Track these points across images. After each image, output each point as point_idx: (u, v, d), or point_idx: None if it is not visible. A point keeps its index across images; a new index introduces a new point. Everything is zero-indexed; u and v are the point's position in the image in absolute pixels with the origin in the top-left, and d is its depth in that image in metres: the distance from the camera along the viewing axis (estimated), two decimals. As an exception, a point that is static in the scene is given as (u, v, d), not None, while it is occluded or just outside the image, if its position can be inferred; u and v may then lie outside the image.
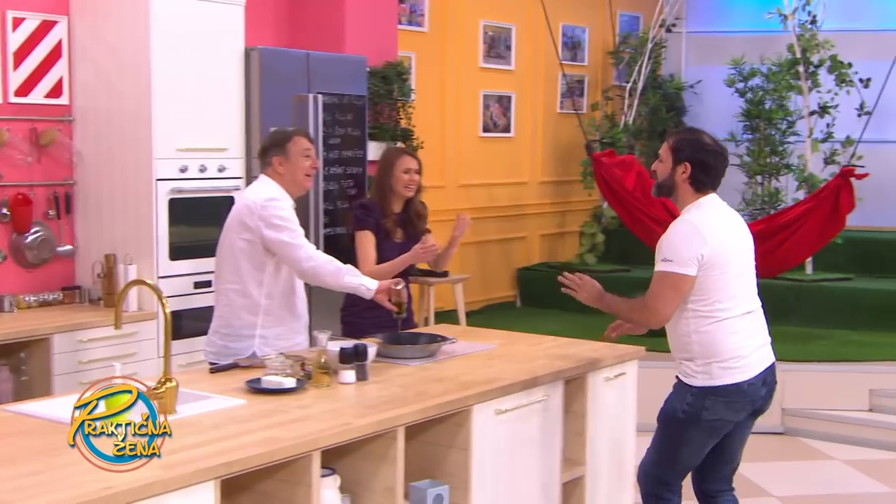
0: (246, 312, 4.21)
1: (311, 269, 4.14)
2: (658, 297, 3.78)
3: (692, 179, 3.84)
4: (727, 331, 3.80)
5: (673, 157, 3.86)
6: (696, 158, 3.83)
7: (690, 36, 11.19)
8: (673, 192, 3.90)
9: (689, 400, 3.83)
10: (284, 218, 4.16)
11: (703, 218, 3.82)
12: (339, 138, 6.59)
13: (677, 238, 3.79)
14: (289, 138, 4.32)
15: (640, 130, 10.39)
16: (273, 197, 4.20)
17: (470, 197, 9.25)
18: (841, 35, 9.39)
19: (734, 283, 3.83)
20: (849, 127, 8.92)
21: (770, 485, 5.88)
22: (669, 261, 3.75)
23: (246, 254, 4.19)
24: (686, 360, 3.86)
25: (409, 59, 8.14)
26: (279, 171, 4.28)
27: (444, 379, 3.87)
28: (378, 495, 3.39)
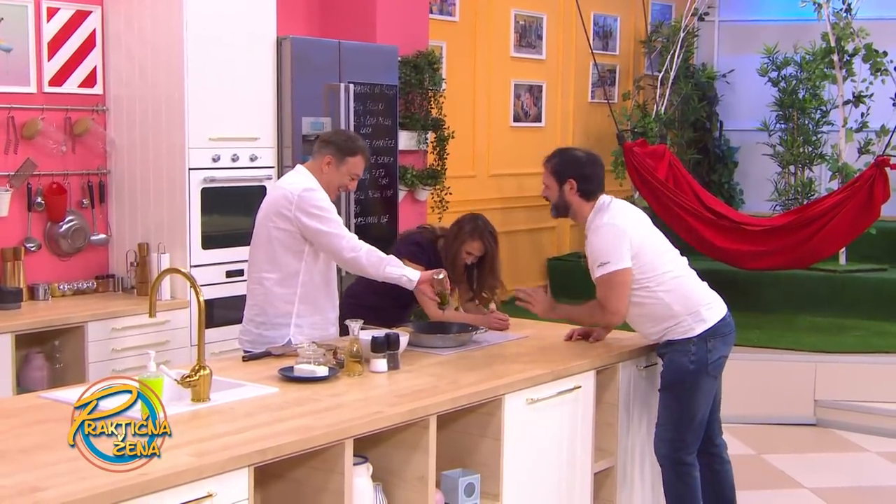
0: (282, 301, 4.21)
1: (353, 260, 4.14)
2: (611, 297, 4.15)
3: (580, 191, 4.25)
4: (689, 283, 4.30)
5: (556, 180, 4.29)
6: (577, 173, 4.26)
7: (723, 25, 11.11)
8: (570, 209, 4.31)
9: (693, 350, 4.15)
10: (323, 208, 4.15)
11: (611, 216, 4.20)
12: (370, 128, 6.59)
13: (604, 242, 4.15)
14: (354, 153, 4.28)
15: (672, 120, 10.32)
16: (310, 187, 4.19)
17: (500, 187, 9.24)
18: (876, 23, 9.29)
19: (666, 252, 4.32)
20: (884, 116, 8.82)
21: (802, 476, 5.85)
22: (607, 262, 4.12)
23: (283, 243, 4.18)
24: (673, 324, 4.18)
25: (440, 48, 8.13)
26: (324, 169, 4.26)
27: (475, 368, 3.88)
28: (410, 484, 3.40)
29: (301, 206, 4.13)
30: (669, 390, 4.20)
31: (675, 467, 4.19)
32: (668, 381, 4.20)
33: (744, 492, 4.63)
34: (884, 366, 6.93)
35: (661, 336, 4.23)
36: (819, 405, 6.88)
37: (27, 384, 5.01)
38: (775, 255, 7.74)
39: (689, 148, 10.61)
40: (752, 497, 5.40)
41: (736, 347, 7.10)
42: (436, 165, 7.68)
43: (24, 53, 5.49)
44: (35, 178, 5.54)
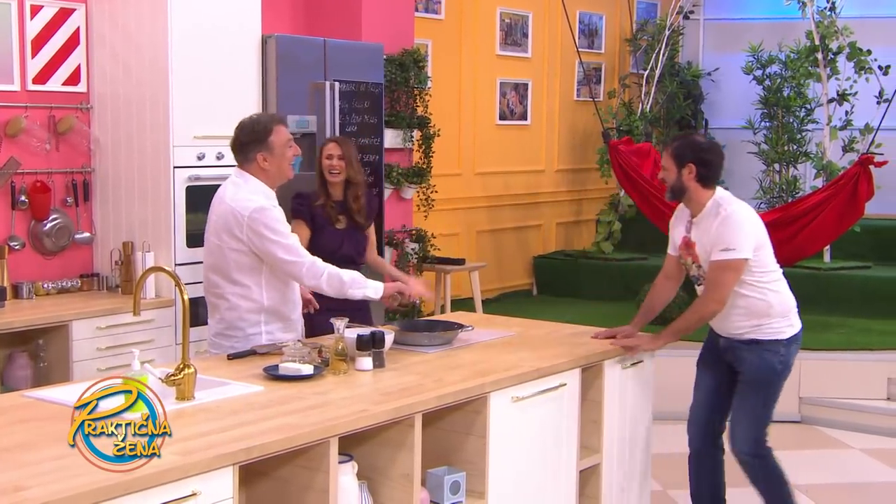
0: (250, 313, 4.10)
1: (315, 287, 4.07)
2: (722, 283, 4.21)
3: (698, 177, 4.29)
4: (786, 285, 4.42)
5: (676, 163, 4.31)
6: (698, 158, 4.29)
7: (708, 23, 11.14)
8: (685, 193, 4.33)
9: (783, 352, 4.32)
10: (277, 230, 3.97)
11: (745, 206, 4.33)
12: (355, 126, 6.59)
13: (736, 229, 4.20)
14: (269, 130, 4.05)
15: (658, 118, 10.36)
16: (261, 206, 3.98)
17: (486, 185, 9.25)
18: (860, 22, 9.33)
19: (772, 251, 4.41)
20: (868, 114, 8.85)
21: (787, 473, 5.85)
22: (732, 249, 4.18)
23: (239, 262, 4.05)
24: (765, 323, 4.30)
25: (425, 46, 8.13)
26: (263, 166, 4.05)
27: (461, 366, 3.88)
28: (395, 482, 3.39)
29: (253, 228, 3.96)
30: (754, 389, 4.35)
31: (760, 461, 4.39)
32: (754, 380, 4.34)
33: (729, 489, 4.64)
34: (868, 363, 6.97)
35: (747, 333, 4.33)
36: (804, 402, 6.91)
37: (11, 383, 5.00)
38: (760, 253, 7.76)
39: (675, 146, 10.61)
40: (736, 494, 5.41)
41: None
42: (421, 163, 7.69)
43: (7, 51, 5.46)
44: (19, 177, 5.52)
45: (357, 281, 4.07)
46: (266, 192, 4.09)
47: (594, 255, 9.59)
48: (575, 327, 4.74)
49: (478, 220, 9.19)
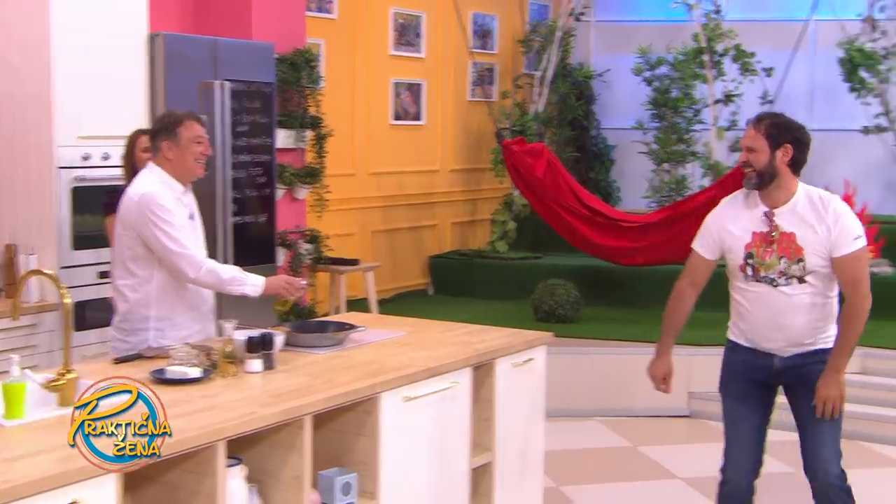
0: (139, 307, 4.10)
1: (194, 282, 4.06)
2: (866, 276, 3.81)
3: (792, 161, 3.81)
4: None
5: (770, 143, 3.79)
6: (795, 139, 3.81)
7: (598, 25, 11.31)
8: (775, 179, 3.81)
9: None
10: (164, 218, 3.99)
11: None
12: (246, 126, 6.52)
13: (854, 218, 3.81)
14: (180, 122, 4.09)
15: (551, 118, 10.47)
16: (149, 192, 4.02)
17: (380, 185, 9.23)
18: (745, 25, 9.59)
19: None
20: (752, 115, 9.04)
21: (675, 466, 5.98)
22: (860, 237, 3.79)
23: (133, 250, 4.07)
24: (829, 327, 3.91)
25: (318, 46, 8.08)
26: (168, 156, 4.09)
27: (352, 367, 3.86)
28: (286, 484, 3.36)
29: (142, 212, 3.99)
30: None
31: (845, 483, 3.93)
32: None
33: (618, 483, 4.71)
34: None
35: (812, 342, 3.90)
36: (693, 397, 7.05)
37: None
38: (650, 251, 7.92)
39: (567, 146, 10.78)
40: (627, 489, 5.51)
41: (614, 342, 7.33)
42: (315, 164, 7.64)
43: None
44: None
45: (236, 278, 4.07)
46: (169, 182, 4.10)
47: (489, 255, 9.65)
48: (468, 326, 4.75)
49: (372, 220, 9.17)
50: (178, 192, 4.13)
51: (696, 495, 5.55)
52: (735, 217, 3.96)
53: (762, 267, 3.89)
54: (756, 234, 3.88)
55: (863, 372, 6.99)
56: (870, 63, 9.33)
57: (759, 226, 3.87)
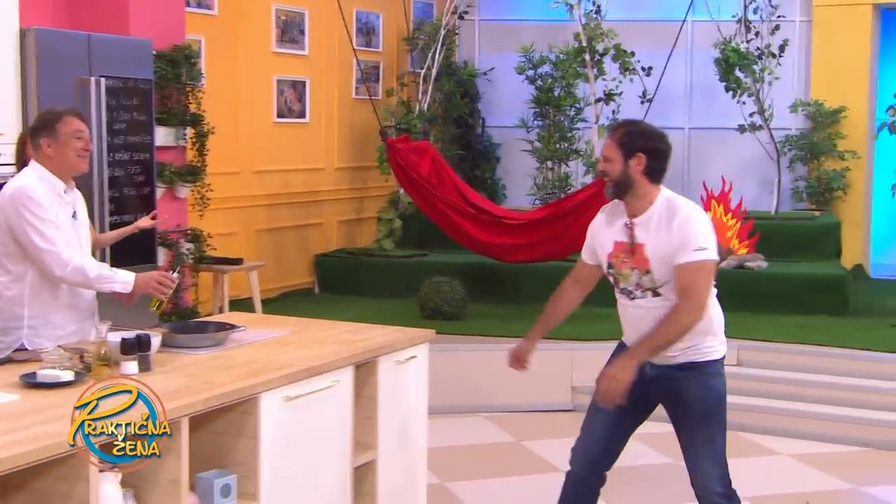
0: (13, 305, 4.02)
1: (60, 278, 3.97)
2: (701, 286, 3.67)
3: (647, 170, 3.75)
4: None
5: (623, 153, 3.75)
6: (649, 147, 3.76)
7: (483, 23, 11.39)
8: (631, 189, 3.76)
9: (722, 372, 3.87)
10: (35, 213, 3.91)
11: (693, 203, 3.80)
12: (124, 123, 6.40)
13: (703, 227, 3.70)
14: (58, 118, 4.04)
15: (435, 116, 10.51)
16: (22, 185, 3.96)
17: (264, 183, 9.14)
18: (624, 25, 9.77)
19: None
20: (633, 113, 9.18)
21: (559, 460, 6.03)
22: (706, 248, 3.66)
23: (5, 245, 3.99)
24: (702, 341, 3.81)
25: (198, 42, 7.96)
26: (48, 153, 4.02)
27: (232, 367, 3.81)
28: (163, 488, 3.30)
29: (14, 206, 3.92)
30: (706, 420, 3.82)
31: (729, 500, 3.86)
32: (707, 410, 3.82)
33: (503, 479, 4.74)
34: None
35: (680, 356, 3.81)
36: (576, 391, 7.15)
37: None
38: (534, 248, 8.00)
39: (453, 144, 10.83)
40: (511, 483, 5.55)
41: (498, 338, 7.39)
42: (196, 162, 7.52)
43: None
44: None
45: (104, 276, 4.01)
46: (50, 179, 4.03)
47: (376, 253, 9.64)
48: (351, 325, 4.73)
49: (256, 218, 9.08)
50: (59, 190, 4.05)
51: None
52: (606, 225, 3.93)
53: (620, 277, 3.88)
54: (617, 243, 3.85)
55: (738, 364, 7.18)
56: (744, 63, 9.60)
57: (621, 235, 3.84)
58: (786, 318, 8.02)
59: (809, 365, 7.08)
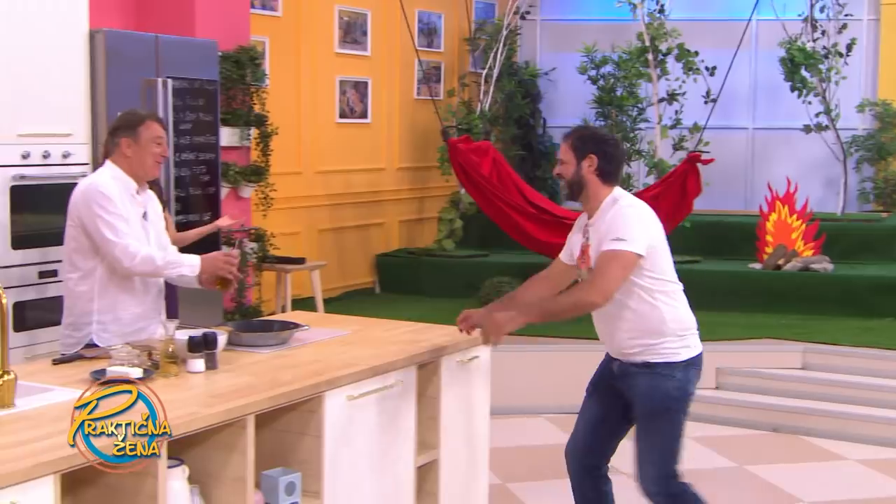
0: (82, 300, 4.09)
1: (129, 270, 4.02)
2: (608, 272, 3.76)
3: (599, 171, 3.91)
4: (685, 302, 3.98)
5: (576, 155, 3.94)
6: (600, 150, 3.93)
7: (544, 23, 11.36)
8: (584, 189, 3.94)
9: (679, 376, 3.89)
10: (107, 208, 3.98)
11: (639, 204, 3.93)
12: (190, 123, 6.47)
13: (630, 221, 3.82)
14: (141, 121, 4.13)
15: (497, 117, 10.50)
16: (95, 181, 4.05)
17: (327, 183, 9.20)
18: (688, 24, 9.69)
19: (672, 265, 3.98)
20: (696, 114, 9.20)
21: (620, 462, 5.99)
22: (623, 240, 3.77)
23: (77, 240, 4.07)
24: (657, 341, 3.88)
25: (262, 43, 8.03)
26: (126, 153, 4.10)
27: (296, 366, 3.84)
28: (228, 485, 3.33)
29: (86, 202, 4.00)
30: (653, 420, 3.91)
31: (673, 499, 3.95)
32: (651, 410, 3.91)
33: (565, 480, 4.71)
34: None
35: (637, 353, 3.91)
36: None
37: None
38: (596, 249, 7.95)
39: (514, 144, 10.82)
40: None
41: (559, 339, 7.37)
42: (259, 162, 7.59)
43: None
44: None
45: (171, 261, 4.07)
46: (124, 179, 4.10)
47: (436, 253, 9.65)
48: (413, 324, 4.75)
49: (319, 218, 9.14)
50: (132, 190, 4.12)
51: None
52: (576, 231, 4.11)
53: (581, 278, 4.03)
54: (581, 245, 4.02)
55: (804, 367, 7.10)
56: (811, 62, 9.47)
57: (583, 238, 4.02)
58: (851, 322, 7.91)
59: (875, 369, 6.97)
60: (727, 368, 7.11)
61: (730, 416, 6.85)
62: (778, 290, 8.49)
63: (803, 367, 7.09)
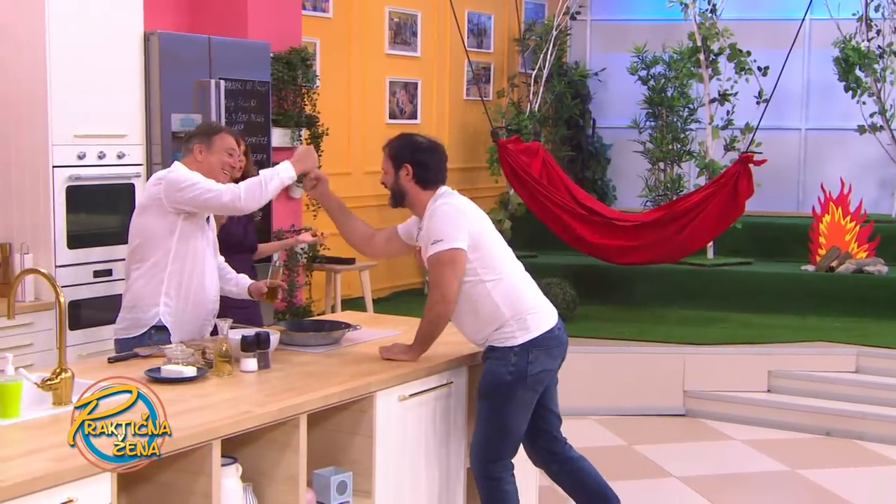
0: (153, 283, 4.11)
1: (235, 200, 4.03)
2: (442, 279, 3.90)
3: (416, 178, 4.04)
4: (521, 285, 4.07)
5: (393, 164, 4.08)
6: (414, 159, 4.04)
7: (595, 24, 11.31)
8: (406, 197, 4.08)
9: (514, 360, 3.93)
10: (190, 178, 4.04)
11: (451, 198, 4.03)
12: (242, 124, 6.52)
13: (442, 220, 3.94)
14: (217, 132, 4.26)
15: (546, 117, 10.48)
16: (174, 167, 4.14)
17: (376, 184, 9.14)
18: (740, 24, 9.59)
19: (504, 250, 4.10)
20: (748, 114, 9.11)
21: (671, 465, 5.99)
22: (440, 241, 3.89)
23: (143, 234, 4.10)
24: (498, 329, 3.96)
25: (313, 45, 8.08)
26: (198, 158, 4.19)
27: (347, 366, 3.86)
28: (281, 483, 3.37)
29: (172, 186, 4.04)
30: (485, 401, 3.96)
31: (487, 482, 3.98)
32: (483, 392, 3.96)
33: (614, 482, 4.70)
34: (749, 356, 7.14)
35: (485, 341, 4.00)
36: (688, 396, 7.06)
37: None
38: (646, 250, 7.92)
39: (563, 145, 10.78)
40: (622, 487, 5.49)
41: (609, 340, 7.34)
42: (311, 162, 7.62)
43: None
44: None
45: (266, 177, 4.07)
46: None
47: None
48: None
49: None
50: None
51: (692, 494, 5.55)
52: (413, 224, 4.23)
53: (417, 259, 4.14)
54: (416, 249, 4.14)
55: (857, 371, 7.02)
56: (865, 62, 9.35)
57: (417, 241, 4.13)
58: (906, 325, 7.80)
59: (931, 373, 6.88)
60: (779, 371, 7.05)
61: (782, 420, 6.78)
62: (831, 293, 8.40)
63: (857, 370, 7.01)
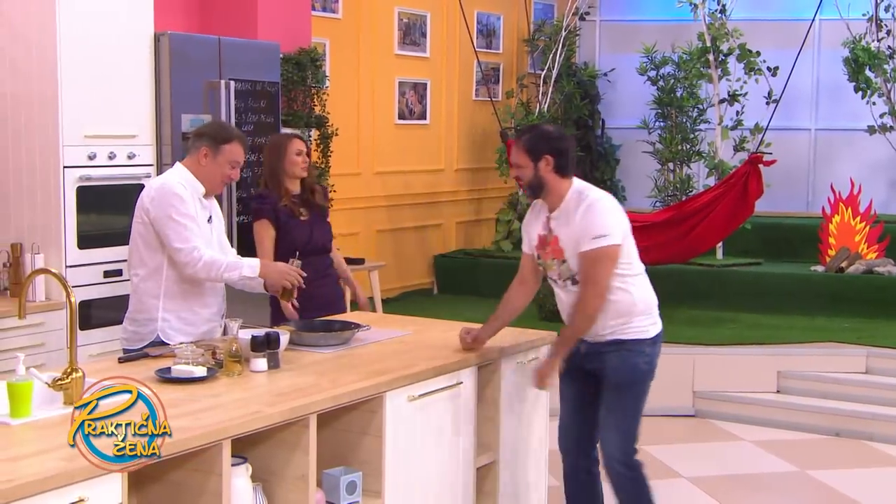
0: (148, 297, 4.15)
1: (193, 275, 4.08)
2: (601, 273, 3.95)
3: (556, 168, 4.03)
4: (649, 282, 4.18)
5: (531, 157, 4.04)
6: (553, 149, 4.03)
7: (604, 24, 11.30)
8: (545, 188, 4.07)
9: (648, 351, 4.08)
10: (178, 210, 4.05)
11: (603, 193, 4.07)
12: (251, 125, 6.53)
13: (604, 215, 3.98)
14: (228, 139, 4.19)
15: (556, 118, 10.45)
16: (168, 181, 4.12)
17: (385, 184, 9.24)
18: (749, 24, 9.58)
19: (635, 246, 4.14)
20: (757, 114, 9.10)
21: (680, 465, 5.99)
22: (604, 235, 3.93)
23: (144, 238, 4.14)
24: (627, 322, 4.06)
25: (323, 45, 8.09)
26: (202, 161, 4.17)
27: (357, 366, 3.87)
28: (290, 483, 3.37)
29: (159, 202, 4.06)
30: (621, 394, 4.07)
31: (630, 471, 4.12)
32: (621, 383, 4.07)
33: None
34: (758, 357, 7.14)
35: (609, 333, 4.06)
36: (697, 396, 7.06)
37: None
38: (655, 251, 7.88)
39: (572, 145, 10.75)
40: None
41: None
42: (320, 163, 7.64)
43: None
44: None
45: (231, 264, 4.12)
46: (191, 181, 4.18)
47: (494, 254, 9.65)
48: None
49: (378, 219, 9.18)
50: (199, 193, 4.20)
51: (701, 494, 5.55)
52: (533, 220, 4.24)
53: (544, 268, 4.19)
54: (539, 237, 4.16)
55: (867, 371, 7.00)
56: (875, 62, 9.32)
57: (541, 229, 4.15)
58: (917, 326, 7.78)
59: (942, 374, 6.86)
60: (789, 372, 7.04)
61: (791, 421, 6.78)
62: (841, 293, 8.38)
63: (866, 371, 7.00)
